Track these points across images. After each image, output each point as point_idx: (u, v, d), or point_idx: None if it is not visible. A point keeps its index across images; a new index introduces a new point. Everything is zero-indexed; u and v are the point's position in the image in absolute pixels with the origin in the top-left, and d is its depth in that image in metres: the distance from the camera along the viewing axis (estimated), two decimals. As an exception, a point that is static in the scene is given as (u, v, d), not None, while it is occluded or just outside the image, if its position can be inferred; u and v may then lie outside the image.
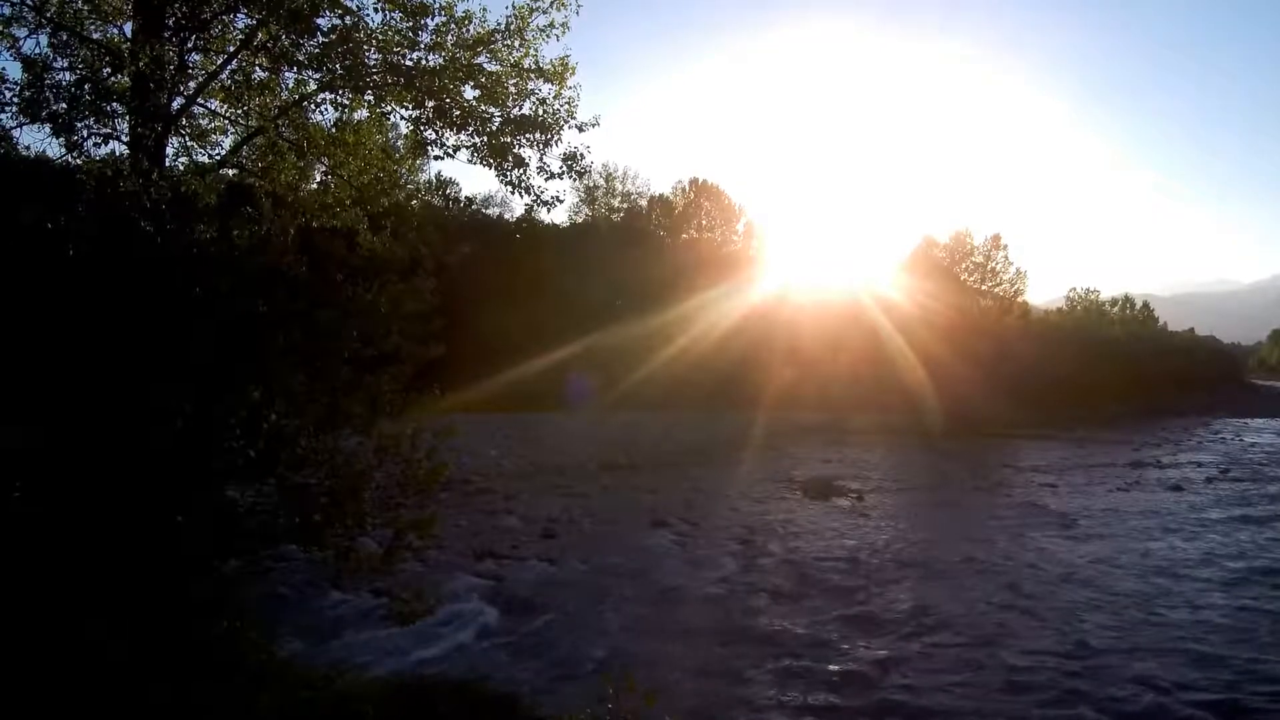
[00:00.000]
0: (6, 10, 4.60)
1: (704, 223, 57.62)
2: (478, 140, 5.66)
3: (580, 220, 54.71)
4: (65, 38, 4.69)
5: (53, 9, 4.67)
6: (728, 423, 36.04)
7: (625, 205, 58.55)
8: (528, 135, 5.64)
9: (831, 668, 9.03)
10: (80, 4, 4.74)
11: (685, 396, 38.99)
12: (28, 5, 4.67)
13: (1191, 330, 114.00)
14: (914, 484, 22.39)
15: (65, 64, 4.88)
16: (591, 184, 55.91)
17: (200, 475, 4.26)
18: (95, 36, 4.82)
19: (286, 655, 8.75)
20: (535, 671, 8.96)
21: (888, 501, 19.50)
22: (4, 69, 4.32)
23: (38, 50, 4.72)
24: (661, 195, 58.06)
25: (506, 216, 52.70)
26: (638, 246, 49.99)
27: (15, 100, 4.87)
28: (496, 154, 5.71)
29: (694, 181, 58.12)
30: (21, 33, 4.73)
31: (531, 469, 22.64)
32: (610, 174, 59.88)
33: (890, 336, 45.60)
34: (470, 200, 46.75)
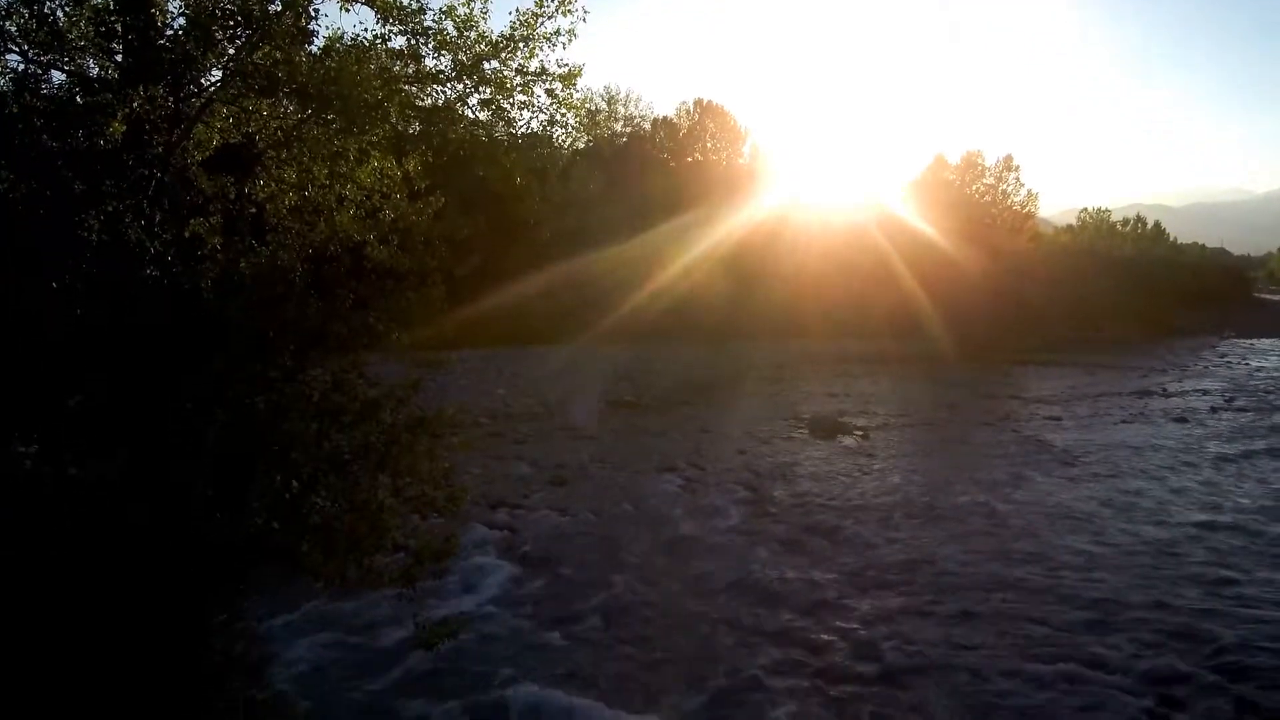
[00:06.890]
0: None
1: (709, 145, 56.11)
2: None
3: (582, 145, 53.22)
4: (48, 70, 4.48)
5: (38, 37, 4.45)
6: (733, 353, 36.03)
7: (628, 129, 56.90)
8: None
9: (832, 624, 9.37)
10: (75, 33, 4.49)
11: (691, 323, 38.85)
12: (13, 40, 4.47)
13: (1201, 245, 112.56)
14: (920, 419, 22.50)
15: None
16: (594, 107, 54.22)
17: (221, 553, 4.37)
18: (93, 72, 4.60)
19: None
20: (548, 628, 9.39)
21: (893, 439, 19.71)
22: None
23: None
24: (665, 117, 56.31)
25: (501, 138, 51.27)
26: (642, 170, 48.83)
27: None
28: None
29: (699, 102, 56.28)
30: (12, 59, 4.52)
31: (540, 409, 22.80)
32: (613, 96, 58.04)
33: (898, 260, 44.99)
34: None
